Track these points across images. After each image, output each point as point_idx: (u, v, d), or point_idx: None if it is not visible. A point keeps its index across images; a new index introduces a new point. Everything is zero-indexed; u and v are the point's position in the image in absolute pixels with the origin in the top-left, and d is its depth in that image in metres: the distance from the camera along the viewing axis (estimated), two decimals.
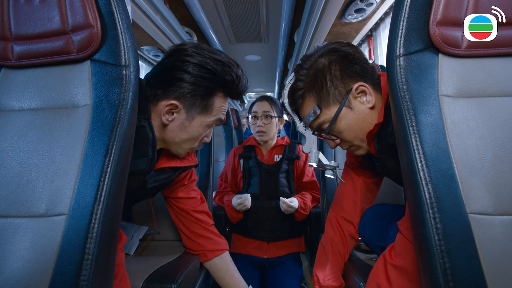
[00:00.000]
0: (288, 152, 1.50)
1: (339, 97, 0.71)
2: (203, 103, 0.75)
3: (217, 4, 2.26)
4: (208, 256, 1.01)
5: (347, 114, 0.71)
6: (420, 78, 0.51)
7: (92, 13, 0.54)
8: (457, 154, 0.46)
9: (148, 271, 0.85)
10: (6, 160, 0.51)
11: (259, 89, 6.02)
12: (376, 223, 0.89)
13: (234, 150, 1.61)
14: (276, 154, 1.52)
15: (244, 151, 1.54)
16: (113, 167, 0.50)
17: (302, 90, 0.75)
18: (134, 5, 1.40)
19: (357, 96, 0.70)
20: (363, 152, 0.76)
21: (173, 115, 0.74)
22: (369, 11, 1.58)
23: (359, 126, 0.71)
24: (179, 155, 0.83)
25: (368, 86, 0.70)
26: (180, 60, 0.73)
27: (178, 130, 0.76)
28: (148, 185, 0.81)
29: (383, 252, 0.66)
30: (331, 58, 0.72)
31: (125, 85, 0.55)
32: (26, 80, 0.57)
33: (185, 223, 1.02)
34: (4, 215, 0.48)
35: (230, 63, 0.76)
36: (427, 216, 0.45)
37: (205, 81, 0.73)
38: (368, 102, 0.70)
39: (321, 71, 0.72)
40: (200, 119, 0.76)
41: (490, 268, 0.42)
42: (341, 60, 0.71)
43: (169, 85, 0.72)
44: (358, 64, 0.71)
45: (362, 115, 0.71)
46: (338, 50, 0.72)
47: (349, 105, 0.71)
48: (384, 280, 0.62)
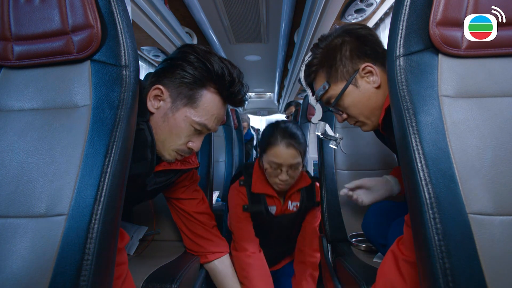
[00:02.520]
0: (306, 201, 1.19)
1: (346, 75, 0.76)
2: (189, 93, 0.71)
3: (217, 4, 2.26)
4: (208, 257, 1.01)
5: (353, 92, 0.76)
6: (420, 78, 0.51)
7: (92, 13, 0.54)
8: (457, 155, 0.47)
9: (148, 271, 0.85)
10: (6, 160, 0.51)
11: (259, 89, 6.02)
12: (379, 221, 0.89)
13: (236, 195, 1.18)
14: (291, 200, 1.20)
15: (251, 202, 1.16)
16: (113, 168, 0.50)
17: (315, 66, 0.81)
18: (134, 5, 1.40)
19: (364, 76, 0.75)
20: (369, 128, 0.81)
21: (160, 102, 0.72)
22: (369, 12, 1.58)
23: (364, 103, 0.76)
24: (167, 160, 0.77)
25: (375, 67, 0.74)
26: (184, 51, 0.74)
27: (161, 122, 0.72)
28: (148, 188, 0.80)
29: (390, 249, 0.66)
30: (344, 38, 0.77)
31: (125, 85, 0.55)
32: (26, 80, 0.57)
33: (187, 224, 1.01)
34: (4, 215, 0.48)
35: (229, 62, 0.75)
36: (427, 216, 0.45)
37: (196, 70, 0.71)
38: (374, 82, 0.74)
39: (333, 50, 0.77)
40: (185, 112, 0.72)
41: (490, 268, 0.42)
42: (352, 41, 0.76)
43: (164, 72, 0.73)
44: (369, 46, 0.75)
45: (368, 93, 0.75)
46: (352, 32, 0.77)
47: (356, 84, 0.75)
48: (397, 277, 0.62)
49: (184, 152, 0.77)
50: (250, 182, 1.17)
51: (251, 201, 1.15)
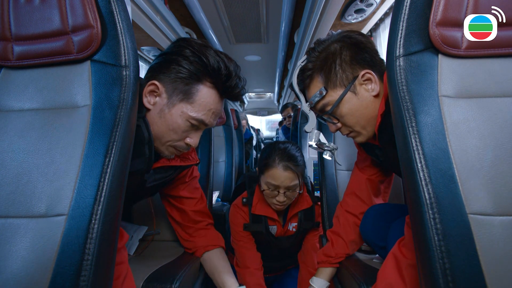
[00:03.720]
0: (304, 222, 1.16)
1: (345, 81, 0.73)
2: (185, 89, 0.70)
3: (217, 4, 2.26)
4: (199, 252, 0.99)
5: (351, 99, 0.73)
6: (420, 78, 0.51)
7: (92, 13, 0.54)
8: (457, 155, 0.47)
9: (148, 271, 0.85)
10: (6, 161, 0.51)
11: (259, 90, 6.02)
12: (377, 223, 0.89)
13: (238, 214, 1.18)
14: (291, 222, 1.19)
15: (252, 221, 1.15)
16: (113, 168, 0.50)
17: (311, 71, 0.77)
18: (134, 5, 1.40)
19: (362, 83, 0.73)
20: (363, 139, 0.78)
21: (156, 98, 0.71)
22: (369, 12, 1.58)
23: (361, 112, 0.74)
24: (166, 156, 0.77)
25: (374, 75, 0.72)
26: (179, 46, 0.72)
27: (158, 118, 0.71)
28: (147, 184, 0.80)
29: (391, 251, 0.66)
30: (343, 44, 0.75)
31: (125, 85, 0.55)
32: (26, 80, 0.57)
33: (181, 222, 1.00)
34: (4, 216, 0.48)
35: (225, 55, 0.73)
36: (427, 217, 0.45)
37: (191, 64, 0.70)
38: (373, 90, 0.72)
39: (332, 54, 0.75)
40: (181, 107, 0.70)
41: (490, 268, 0.42)
42: (352, 47, 0.74)
43: (160, 68, 0.71)
44: (368, 53, 0.74)
45: (366, 102, 0.73)
46: (351, 37, 0.75)
47: (354, 90, 0.73)
48: (398, 280, 0.61)
49: (182, 148, 0.76)
50: (251, 201, 1.16)
51: (252, 221, 1.15)
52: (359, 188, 0.99)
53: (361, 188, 0.98)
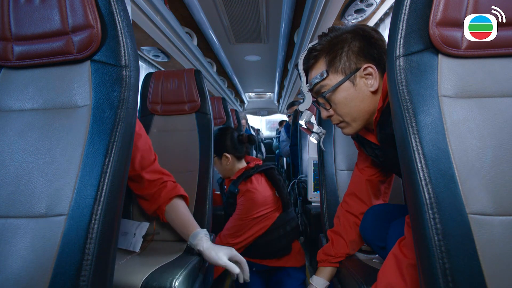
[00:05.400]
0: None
1: (347, 69, 0.75)
2: None
3: (217, 5, 2.26)
4: (163, 210, 1.01)
5: (349, 89, 0.75)
6: (420, 78, 0.51)
7: (92, 13, 0.54)
8: (456, 155, 0.47)
9: (148, 270, 0.85)
10: (6, 161, 0.51)
11: (259, 89, 6.02)
12: (377, 223, 0.89)
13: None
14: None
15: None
16: (113, 168, 0.50)
17: (318, 52, 0.79)
18: (134, 5, 1.40)
19: (363, 76, 0.74)
20: (351, 131, 0.79)
21: None
22: (369, 12, 1.58)
23: (355, 104, 0.75)
24: None
25: (376, 71, 0.73)
26: None
27: None
28: None
29: (392, 251, 0.66)
30: (355, 34, 0.76)
31: (125, 85, 0.55)
32: (26, 80, 0.57)
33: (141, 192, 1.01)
34: (4, 216, 0.48)
35: None
36: (427, 217, 0.45)
37: None
38: (371, 86, 0.73)
39: (342, 41, 0.76)
40: None
41: (490, 268, 0.42)
42: (363, 39, 0.75)
43: None
44: (377, 49, 0.74)
45: (362, 95, 0.74)
46: (364, 30, 0.76)
47: (353, 81, 0.74)
48: (398, 280, 0.61)
49: None
50: None
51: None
52: (359, 188, 1.00)
53: (361, 189, 0.99)
